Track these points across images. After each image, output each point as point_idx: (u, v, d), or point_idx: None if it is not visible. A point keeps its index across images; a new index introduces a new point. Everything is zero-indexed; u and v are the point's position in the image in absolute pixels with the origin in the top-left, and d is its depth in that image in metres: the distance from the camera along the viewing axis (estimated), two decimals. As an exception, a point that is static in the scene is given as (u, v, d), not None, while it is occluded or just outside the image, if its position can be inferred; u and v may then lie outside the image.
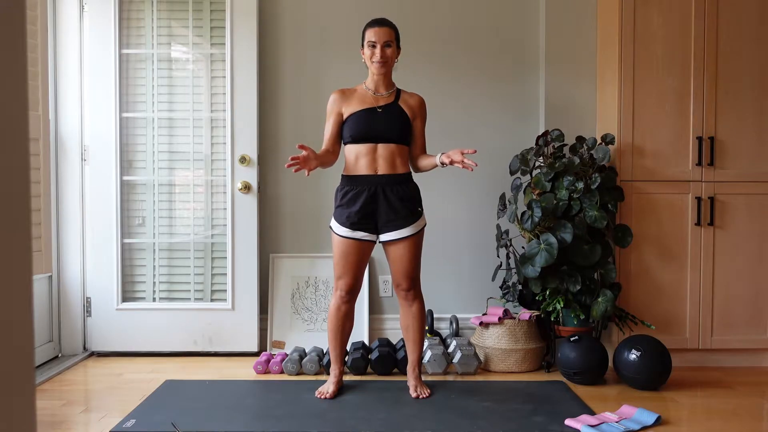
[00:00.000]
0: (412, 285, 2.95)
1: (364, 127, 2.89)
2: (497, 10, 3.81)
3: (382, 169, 2.88)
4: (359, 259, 2.93)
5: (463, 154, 2.79)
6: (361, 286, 3.02)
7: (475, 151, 2.82)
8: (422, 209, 2.97)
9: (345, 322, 3.01)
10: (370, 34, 2.90)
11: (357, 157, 2.89)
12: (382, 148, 2.88)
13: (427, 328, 3.64)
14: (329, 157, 2.94)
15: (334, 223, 2.93)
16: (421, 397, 2.93)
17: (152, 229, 3.70)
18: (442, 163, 2.86)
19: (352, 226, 2.88)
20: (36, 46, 3.14)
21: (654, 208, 3.41)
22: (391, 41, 2.91)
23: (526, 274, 3.30)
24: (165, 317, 3.64)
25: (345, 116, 2.94)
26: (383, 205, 2.88)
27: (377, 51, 2.88)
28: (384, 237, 2.91)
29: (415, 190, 2.96)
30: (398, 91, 3.01)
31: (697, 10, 3.38)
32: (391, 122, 2.90)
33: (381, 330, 3.76)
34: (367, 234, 2.90)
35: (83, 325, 3.65)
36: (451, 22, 3.80)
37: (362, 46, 2.94)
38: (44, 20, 3.35)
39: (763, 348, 3.46)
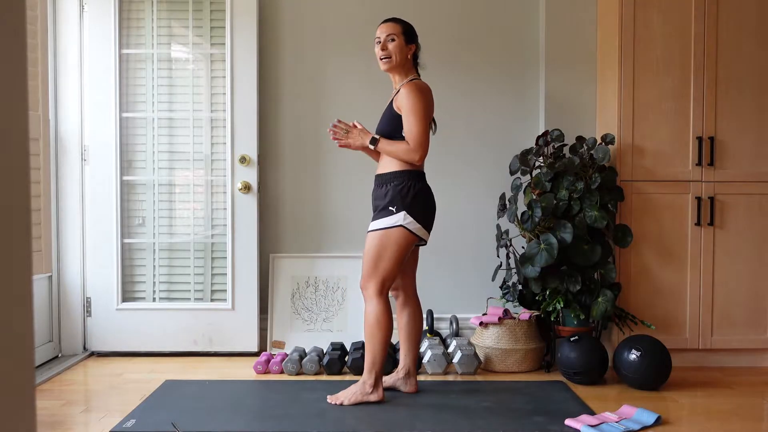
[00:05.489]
0: (363, 283, 2.83)
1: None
2: (497, 10, 3.80)
3: (377, 170, 2.89)
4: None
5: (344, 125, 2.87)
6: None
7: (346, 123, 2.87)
8: (395, 209, 2.74)
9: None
10: (377, 32, 2.85)
11: None
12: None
13: (427, 328, 3.65)
14: None
15: None
16: (334, 403, 2.79)
17: (152, 229, 3.70)
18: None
19: None
20: (36, 46, 3.15)
21: (654, 208, 3.41)
22: (395, 35, 2.79)
23: (526, 274, 3.30)
24: (165, 317, 3.64)
25: None
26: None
27: (379, 47, 2.81)
28: None
29: (395, 189, 2.76)
30: (405, 85, 2.81)
31: (697, 11, 3.38)
32: (381, 120, 2.89)
33: (381, 330, 3.75)
34: None
35: (83, 325, 3.64)
36: (450, 22, 3.80)
37: None
38: (44, 20, 3.35)
39: (763, 348, 3.46)
